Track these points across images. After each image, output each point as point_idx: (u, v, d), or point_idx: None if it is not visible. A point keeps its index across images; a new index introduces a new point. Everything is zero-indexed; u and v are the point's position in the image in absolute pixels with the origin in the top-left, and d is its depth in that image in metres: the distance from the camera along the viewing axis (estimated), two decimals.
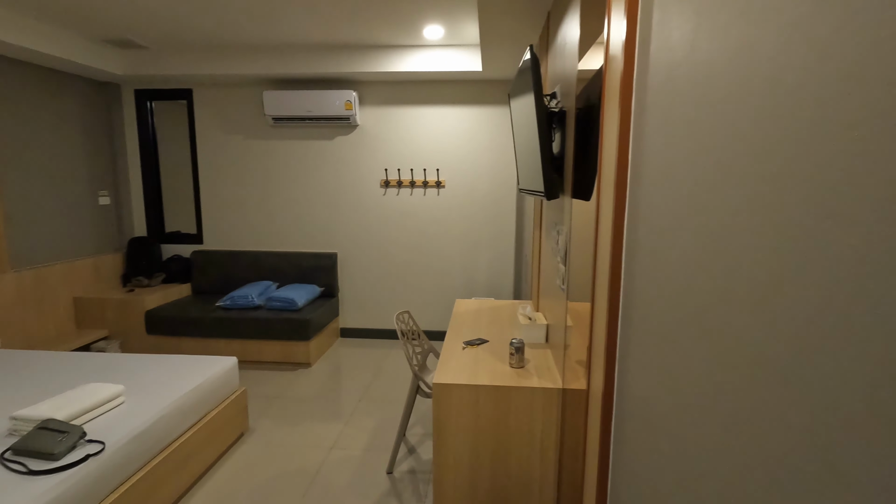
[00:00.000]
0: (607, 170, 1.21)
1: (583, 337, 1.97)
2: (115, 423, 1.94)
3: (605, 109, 1.27)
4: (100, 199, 4.14)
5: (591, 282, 1.34)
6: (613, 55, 1.17)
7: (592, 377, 1.38)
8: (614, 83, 1.15)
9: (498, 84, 4.02)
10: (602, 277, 1.23)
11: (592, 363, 1.38)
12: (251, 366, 3.78)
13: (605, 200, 1.22)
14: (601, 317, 1.24)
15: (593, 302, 1.34)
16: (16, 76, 3.37)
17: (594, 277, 1.33)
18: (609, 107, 1.21)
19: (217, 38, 3.55)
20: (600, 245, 1.27)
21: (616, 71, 1.13)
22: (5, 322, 3.29)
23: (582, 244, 1.72)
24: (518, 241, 4.14)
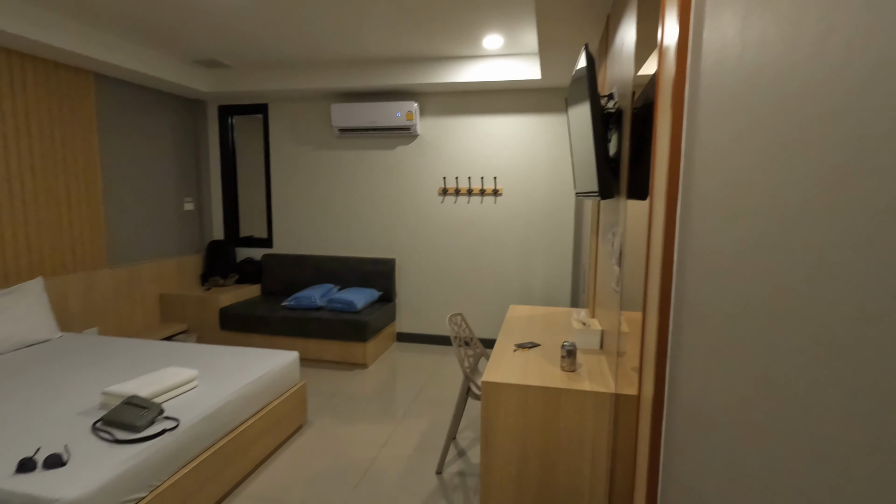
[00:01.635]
0: (660, 170, 1.19)
1: (637, 343, 1.91)
2: (189, 403, 2.11)
3: (658, 109, 1.25)
4: (185, 205, 4.53)
5: (644, 284, 1.31)
6: (666, 55, 1.15)
7: (644, 382, 1.33)
8: (667, 83, 1.13)
9: (556, 92, 4.01)
10: (654, 280, 1.20)
11: (644, 368, 1.33)
12: (312, 364, 3.96)
13: (657, 201, 1.20)
14: (652, 320, 1.20)
15: (645, 304, 1.31)
16: (121, 95, 3.80)
17: (646, 279, 1.29)
18: (662, 106, 1.19)
19: (291, 55, 3.81)
20: (653, 247, 1.24)
21: (669, 70, 1.11)
22: (104, 312, 3.67)
23: (636, 246, 1.68)
24: (576, 250, 4.06)
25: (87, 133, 3.53)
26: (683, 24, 1.03)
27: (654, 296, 1.19)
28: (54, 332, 3.01)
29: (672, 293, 1.08)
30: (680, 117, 1.03)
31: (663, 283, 1.09)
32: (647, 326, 1.27)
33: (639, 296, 1.66)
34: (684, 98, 1.02)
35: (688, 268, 0.98)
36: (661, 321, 1.11)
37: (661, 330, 1.11)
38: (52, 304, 3.30)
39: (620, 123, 1.81)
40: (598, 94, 1.69)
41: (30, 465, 1.58)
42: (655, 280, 1.17)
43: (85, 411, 2.02)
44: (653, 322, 1.19)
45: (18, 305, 2.88)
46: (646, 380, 1.31)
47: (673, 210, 1.06)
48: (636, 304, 1.69)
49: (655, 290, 1.17)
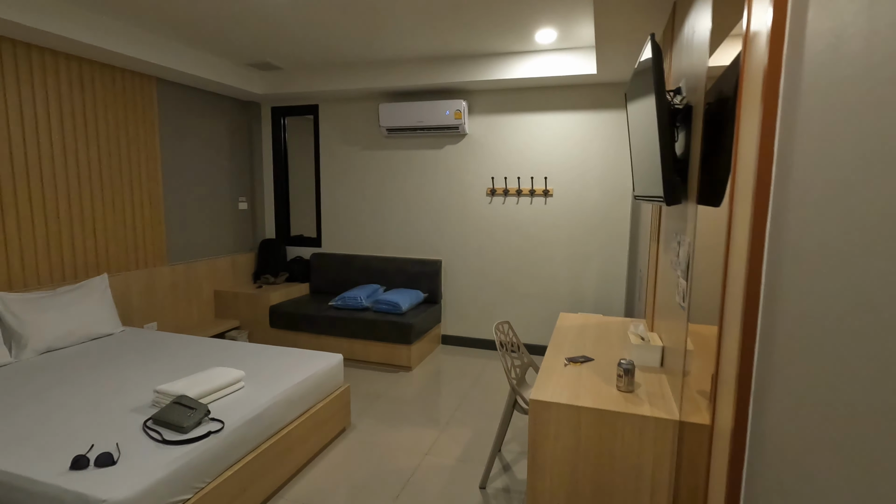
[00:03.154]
0: (744, 172, 1.03)
1: (706, 363, 1.73)
2: (235, 405, 2.13)
3: (742, 104, 1.09)
4: (239, 204, 4.67)
5: (720, 299, 1.15)
6: (755, 43, 0.99)
7: (719, 411, 1.18)
8: (755, 73, 0.98)
9: (612, 87, 3.79)
10: (734, 295, 1.05)
11: (719, 395, 1.18)
12: (357, 364, 3.96)
13: (740, 207, 1.04)
14: (732, 340, 1.05)
15: (722, 323, 1.15)
16: (180, 99, 3.95)
17: (724, 294, 1.14)
18: (748, 101, 1.03)
19: (340, 56, 3.82)
20: (733, 258, 1.08)
21: (758, 60, 0.96)
22: (162, 307, 3.83)
23: (708, 257, 1.51)
24: (632, 255, 3.83)
25: (149, 136, 3.68)
26: (779, 7, 0.87)
27: (734, 311, 1.04)
28: (117, 327, 3.16)
29: (759, 309, 0.93)
30: (773, 113, 0.88)
31: (748, 297, 0.94)
32: (725, 345, 1.11)
33: (710, 310, 1.50)
34: (779, 91, 0.87)
35: (781, 280, 0.83)
36: (745, 340, 0.95)
37: (744, 350, 0.96)
38: (116, 299, 3.46)
39: (689, 121, 1.64)
40: (665, 88, 1.53)
41: (83, 463, 1.62)
42: (737, 294, 1.02)
43: (138, 408, 2.07)
44: (733, 341, 1.04)
45: (85, 300, 3.03)
46: (722, 407, 1.15)
47: (762, 216, 0.91)
48: (705, 317, 1.53)
49: (737, 304, 1.01)
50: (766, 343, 0.89)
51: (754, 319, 0.94)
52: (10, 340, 2.68)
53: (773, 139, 0.88)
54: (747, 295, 0.94)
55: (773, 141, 0.88)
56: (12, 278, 2.87)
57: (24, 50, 2.86)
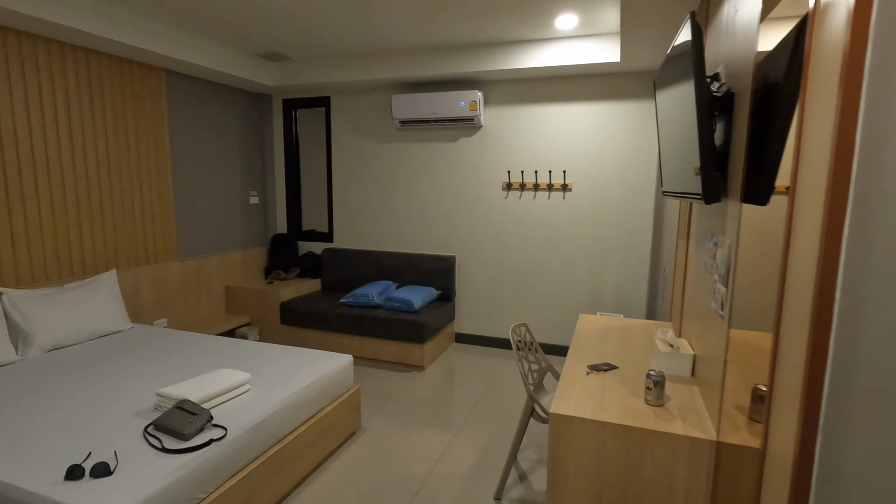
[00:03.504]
0: (810, 166, 0.88)
1: (744, 375, 1.58)
2: (239, 409, 2.04)
3: (807, 90, 0.94)
4: (250, 198, 4.60)
5: (776, 308, 1.01)
6: (828, 17, 0.84)
7: (774, 434, 1.04)
8: (829, 54, 0.83)
9: (636, 76, 3.60)
10: (797, 302, 0.91)
11: (774, 415, 1.04)
12: (369, 363, 3.87)
13: (805, 206, 0.90)
14: (794, 355, 0.91)
15: (779, 334, 1.01)
16: (190, 91, 3.87)
17: (781, 303, 0.99)
18: (817, 86, 0.88)
19: (352, 46, 3.69)
20: (795, 262, 0.94)
21: (833, 37, 0.81)
22: (173, 303, 3.78)
23: (753, 260, 1.36)
24: (655, 253, 3.66)
25: (158, 129, 3.61)
26: None
27: (797, 322, 0.90)
28: (125, 324, 3.11)
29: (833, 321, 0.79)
30: (854, 99, 0.74)
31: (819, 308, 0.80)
32: (784, 360, 0.98)
33: (750, 315, 1.36)
34: (863, 73, 0.72)
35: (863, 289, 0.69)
36: (814, 357, 0.82)
37: (812, 368, 0.82)
38: (126, 295, 3.42)
39: (729, 110, 1.48)
40: (705, 72, 1.38)
41: (78, 473, 1.54)
42: (802, 303, 0.88)
43: (140, 412, 2.00)
44: (795, 355, 0.90)
45: (93, 297, 2.98)
46: (779, 430, 1.01)
47: (838, 218, 0.77)
48: (744, 322, 1.39)
49: (802, 314, 0.88)
50: (842, 361, 0.75)
51: (826, 334, 0.80)
52: (16, 338, 2.63)
53: (854, 130, 0.74)
54: (818, 306, 0.80)
55: (855, 132, 0.73)
56: (19, 274, 2.83)
57: (28, 41, 2.79)
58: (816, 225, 0.83)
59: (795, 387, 0.90)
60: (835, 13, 0.81)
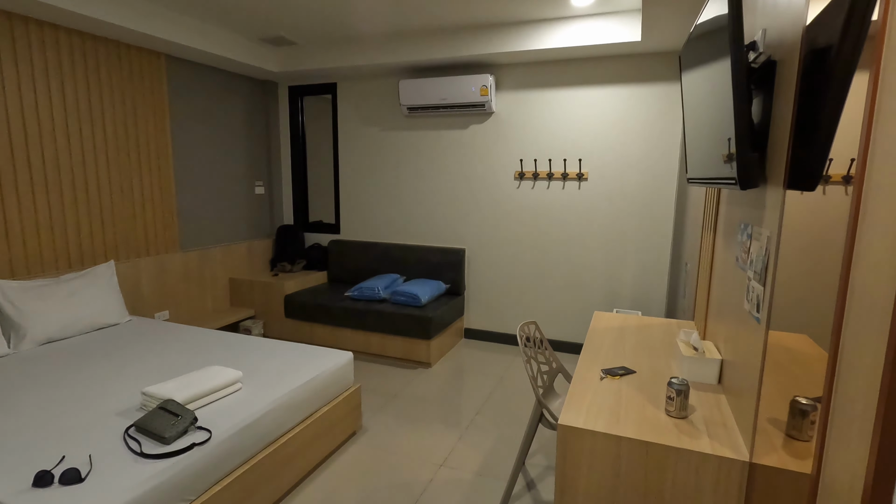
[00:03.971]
0: (890, 146, 0.70)
1: (779, 384, 1.40)
2: (229, 410, 1.92)
3: (884, 52, 0.75)
4: (256, 188, 4.49)
5: (837, 309, 0.83)
6: None
7: (832, 459, 0.86)
8: None
9: (659, 57, 3.37)
10: (868, 303, 0.73)
11: (834, 435, 0.86)
12: (374, 359, 3.75)
13: (880, 190, 0.71)
14: (865, 362, 0.73)
15: (840, 339, 0.83)
16: (193, 77, 3.75)
17: (843, 303, 0.82)
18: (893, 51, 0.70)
19: (358, 29, 3.53)
20: (863, 255, 0.76)
21: None
22: (175, 295, 3.70)
23: (789, 253, 1.18)
24: (676, 246, 3.45)
25: (159, 116, 3.51)
26: None
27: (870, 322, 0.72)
28: (123, 317, 3.02)
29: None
30: None
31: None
32: (846, 370, 0.80)
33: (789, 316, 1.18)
34: None
35: None
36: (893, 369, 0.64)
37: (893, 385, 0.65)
38: (126, 287, 3.34)
39: (769, 83, 1.29)
40: (744, 36, 1.19)
41: (47, 479, 1.43)
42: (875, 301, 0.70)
43: (124, 411, 1.89)
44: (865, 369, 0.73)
45: (90, 288, 2.90)
46: (839, 453, 0.83)
47: None
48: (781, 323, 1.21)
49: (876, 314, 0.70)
50: None
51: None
52: (8, 331, 2.56)
53: None
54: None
55: None
56: (14, 265, 2.75)
57: (21, 23, 2.70)
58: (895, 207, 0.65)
59: (867, 402, 0.72)
60: None
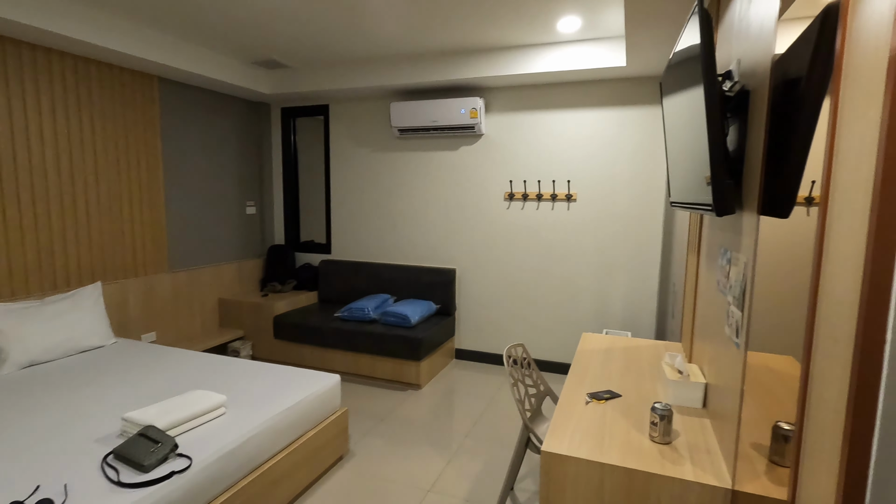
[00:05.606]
0: (848, 171, 0.72)
1: (764, 408, 1.40)
2: (211, 435, 1.89)
3: (842, 83, 0.78)
4: (247, 209, 4.49)
5: (807, 334, 0.84)
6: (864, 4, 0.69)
7: (805, 484, 0.86)
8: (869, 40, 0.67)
9: (643, 81, 3.45)
10: (834, 326, 0.74)
11: (806, 460, 0.86)
12: (363, 380, 3.71)
13: (840, 214, 0.73)
14: (833, 387, 0.74)
15: (809, 364, 0.83)
16: (184, 98, 3.78)
17: (812, 328, 0.82)
18: (852, 80, 0.72)
19: (350, 53, 3.59)
20: (829, 279, 0.77)
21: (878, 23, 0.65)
22: (162, 316, 3.67)
23: (774, 275, 1.19)
24: (664, 267, 3.47)
25: (150, 137, 3.53)
26: None
27: (836, 347, 0.73)
28: (108, 339, 2.99)
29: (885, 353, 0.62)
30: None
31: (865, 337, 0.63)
32: (818, 392, 0.80)
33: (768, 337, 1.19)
34: None
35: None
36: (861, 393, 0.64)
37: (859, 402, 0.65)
38: (112, 308, 3.31)
39: (746, 110, 1.32)
40: (716, 67, 1.22)
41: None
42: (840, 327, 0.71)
43: (103, 438, 1.86)
44: (835, 387, 0.73)
45: (75, 311, 2.87)
46: (811, 478, 0.83)
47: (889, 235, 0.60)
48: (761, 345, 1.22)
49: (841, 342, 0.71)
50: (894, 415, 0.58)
51: (878, 369, 0.63)
52: None
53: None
54: (864, 335, 0.63)
55: None
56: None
57: (13, 47, 2.72)
58: (858, 239, 0.67)
59: (835, 427, 0.72)
60: None
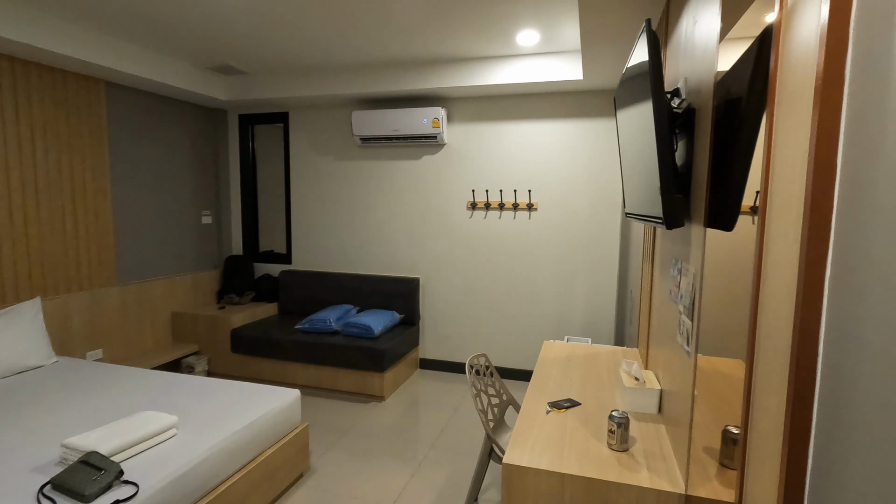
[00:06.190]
0: (784, 185, 0.76)
1: (715, 411, 1.45)
2: (161, 459, 1.79)
3: (776, 102, 0.82)
4: (203, 218, 4.34)
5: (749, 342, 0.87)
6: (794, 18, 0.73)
7: (751, 485, 0.88)
8: (800, 59, 0.71)
9: (599, 94, 3.55)
10: (772, 334, 0.77)
11: (751, 461, 0.89)
12: (325, 394, 3.63)
13: (777, 227, 0.77)
14: (773, 393, 0.77)
15: (752, 371, 0.87)
16: (135, 104, 3.63)
17: (754, 333, 0.86)
18: (785, 99, 0.76)
19: (309, 60, 3.54)
20: (768, 288, 0.80)
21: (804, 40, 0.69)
22: (110, 332, 3.47)
23: (723, 281, 1.24)
24: (622, 274, 3.57)
25: (96, 144, 3.35)
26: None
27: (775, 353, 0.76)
28: (48, 358, 2.80)
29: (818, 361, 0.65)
30: (835, 109, 0.61)
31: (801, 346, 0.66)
32: (761, 396, 0.83)
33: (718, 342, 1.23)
34: (844, 78, 0.60)
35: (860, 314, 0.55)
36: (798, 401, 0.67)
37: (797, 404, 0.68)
38: (55, 324, 3.11)
39: (691, 127, 1.38)
40: (664, 86, 1.27)
41: None
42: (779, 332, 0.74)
43: (41, 467, 1.73)
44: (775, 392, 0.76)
45: (11, 328, 2.68)
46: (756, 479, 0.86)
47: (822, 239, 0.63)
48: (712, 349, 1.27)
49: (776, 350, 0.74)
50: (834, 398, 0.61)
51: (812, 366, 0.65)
52: None
53: (835, 147, 0.61)
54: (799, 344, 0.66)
55: (836, 150, 0.60)
56: None
57: None
58: (792, 248, 0.70)
59: (776, 433, 0.75)
60: (805, 18, 0.69)
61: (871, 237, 0.52)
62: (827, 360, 0.62)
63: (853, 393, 0.55)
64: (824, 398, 0.62)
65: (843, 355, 0.58)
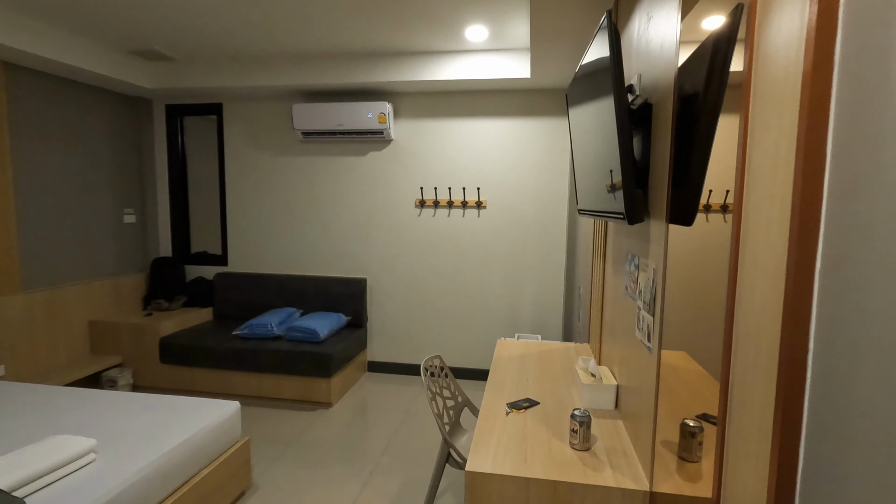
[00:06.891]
0: (763, 183, 0.74)
1: (668, 404, 1.46)
2: (76, 490, 1.58)
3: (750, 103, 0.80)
4: (125, 217, 3.96)
5: (726, 336, 0.86)
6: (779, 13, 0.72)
7: (732, 481, 0.87)
8: (781, 49, 0.69)
9: (547, 94, 3.59)
10: (754, 333, 0.75)
11: (731, 456, 0.87)
12: (268, 403, 3.41)
13: (755, 224, 0.75)
14: (755, 399, 0.75)
15: (729, 365, 0.85)
16: (41, 90, 3.23)
17: (731, 331, 0.84)
18: (761, 98, 0.75)
19: (245, 48, 3.31)
20: (746, 286, 0.79)
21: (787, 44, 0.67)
22: (13, 346, 3.07)
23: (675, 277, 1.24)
24: (569, 271, 3.63)
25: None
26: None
27: (759, 351, 0.74)
28: None
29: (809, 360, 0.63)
30: (824, 104, 0.59)
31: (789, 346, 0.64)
32: (737, 403, 0.82)
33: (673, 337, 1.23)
34: (832, 78, 0.58)
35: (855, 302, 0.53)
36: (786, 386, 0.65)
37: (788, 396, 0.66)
38: None
39: (649, 122, 1.38)
40: (624, 81, 1.26)
41: None
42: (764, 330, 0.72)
43: None
44: (760, 396, 0.74)
45: None
46: (738, 474, 0.84)
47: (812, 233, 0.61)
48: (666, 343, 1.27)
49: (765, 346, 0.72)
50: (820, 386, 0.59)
51: (802, 376, 0.64)
52: None
53: (824, 142, 0.59)
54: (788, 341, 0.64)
55: (825, 144, 0.59)
56: None
57: None
58: (776, 245, 0.68)
59: (759, 426, 0.74)
60: (787, 8, 0.67)
61: (863, 229, 0.51)
62: (817, 358, 0.60)
63: (847, 391, 0.54)
64: (815, 398, 0.60)
65: (835, 349, 0.56)
